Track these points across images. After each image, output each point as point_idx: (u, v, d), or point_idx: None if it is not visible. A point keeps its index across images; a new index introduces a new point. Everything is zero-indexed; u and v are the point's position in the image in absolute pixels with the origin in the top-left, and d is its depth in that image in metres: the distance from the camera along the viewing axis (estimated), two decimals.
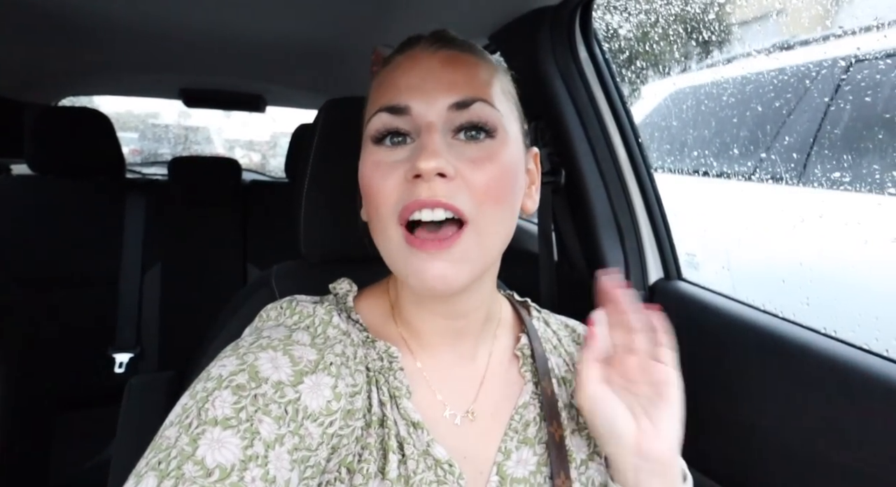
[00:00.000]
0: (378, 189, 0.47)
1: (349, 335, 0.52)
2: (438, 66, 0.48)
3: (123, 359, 1.73)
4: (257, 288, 0.78)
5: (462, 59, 0.49)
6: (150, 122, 6.59)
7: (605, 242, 0.98)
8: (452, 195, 0.45)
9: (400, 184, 0.46)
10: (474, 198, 0.46)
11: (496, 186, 0.46)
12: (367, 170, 0.48)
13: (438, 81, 0.47)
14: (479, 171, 0.46)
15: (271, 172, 2.94)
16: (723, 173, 1.86)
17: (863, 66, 1.42)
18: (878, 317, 0.69)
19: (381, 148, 0.48)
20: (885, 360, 0.63)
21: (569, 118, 1.00)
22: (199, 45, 1.59)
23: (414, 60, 0.49)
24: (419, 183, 0.44)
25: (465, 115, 0.47)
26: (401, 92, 0.48)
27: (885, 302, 0.93)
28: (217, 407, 0.43)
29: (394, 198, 0.46)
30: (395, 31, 1.36)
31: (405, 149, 0.47)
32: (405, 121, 0.47)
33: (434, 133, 0.46)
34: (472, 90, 0.47)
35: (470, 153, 0.47)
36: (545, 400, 0.54)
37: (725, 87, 1.99)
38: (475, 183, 0.46)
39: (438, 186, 0.44)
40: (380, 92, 0.50)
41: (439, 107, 0.47)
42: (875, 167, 1.13)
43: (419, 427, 0.49)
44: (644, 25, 1.63)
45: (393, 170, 0.46)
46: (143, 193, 1.84)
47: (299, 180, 0.74)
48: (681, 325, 0.90)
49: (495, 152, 0.47)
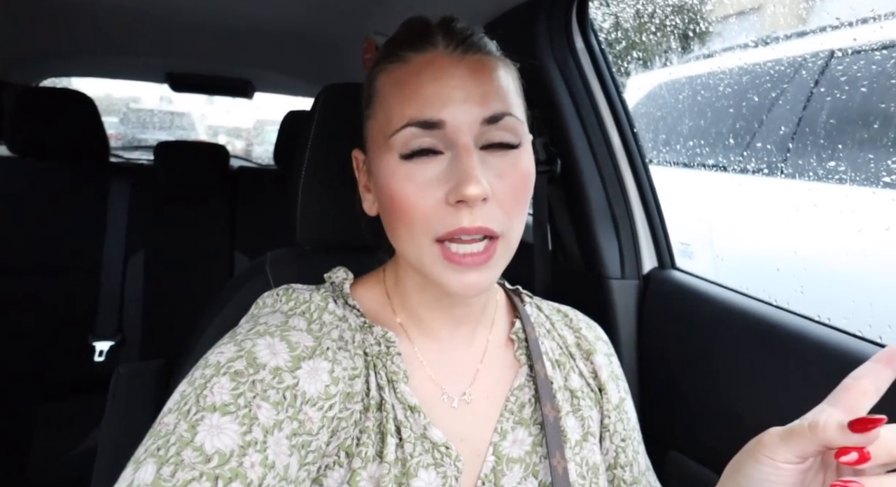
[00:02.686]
0: (412, 206, 0.46)
1: (346, 320, 0.53)
2: (467, 74, 0.47)
3: (104, 348, 1.70)
4: (252, 275, 0.77)
5: (488, 67, 0.49)
6: (131, 107, 6.43)
7: (601, 232, 0.99)
8: (491, 217, 0.46)
9: (438, 205, 0.46)
10: (505, 213, 0.47)
11: (521, 195, 0.48)
12: (396, 183, 0.47)
13: (470, 94, 0.47)
14: (507, 184, 0.47)
15: (256, 159, 2.89)
16: (709, 164, 1.88)
17: (840, 61, 1.44)
18: (872, 304, 0.70)
19: (408, 161, 0.47)
20: (879, 347, 0.64)
21: (565, 108, 1.00)
22: (187, 28, 1.55)
23: (439, 68, 0.47)
24: (462, 208, 0.45)
25: (496, 130, 0.47)
26: (430, 104, 0.46)
27: (879, 289, 0.95)
28: (215, 394, 0.43)
29: (431, 218, 0.46)
30: (390, 19, 1.34)
31: (436, 162, 0.47)
32: (437, 136, 0.46)
33: (472, 154, 0.46)
34: (501, 104, 0.48)
35: (497, 164, 0.47)
36: (539, 382, 0.55)
37: (708, 81, 2.01)
38: (504, 197, 0.47)
39: (479, 211, 0.45)
40: (402, 99, 0.48)
41: (472, 120, 0.46)
42: (865, 157, 1.15)
43: (416, 410, 0.49)
44: (623, 20, 1.63)
45: (427, 189, 0.46)
46: (127, 178, 1.80)
47: (296, 167, 0.73)
48: (675, 314, 0.92)
49: (518, 160, 0.49)
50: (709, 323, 0.84)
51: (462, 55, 0.48)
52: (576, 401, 0.57)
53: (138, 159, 2.30)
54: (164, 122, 6.32)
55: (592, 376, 0.60)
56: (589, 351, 0.61)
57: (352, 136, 0.72)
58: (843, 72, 1.41)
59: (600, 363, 0.61)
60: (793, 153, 1.52)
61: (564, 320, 0.64)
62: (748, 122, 1.72)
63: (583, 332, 0.63)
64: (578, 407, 0.57)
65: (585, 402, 0.58)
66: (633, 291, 0.98)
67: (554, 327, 0.62)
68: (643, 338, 0.96)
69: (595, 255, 0.99)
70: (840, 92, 1.41)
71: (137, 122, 6.19)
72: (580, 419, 0.57)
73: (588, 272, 1.02)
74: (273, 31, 1.56)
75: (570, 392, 0.58)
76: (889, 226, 0.86)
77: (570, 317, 0.64)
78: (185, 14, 1.44)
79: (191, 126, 6.61)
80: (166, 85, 2.16)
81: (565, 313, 0.65)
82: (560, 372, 0.58)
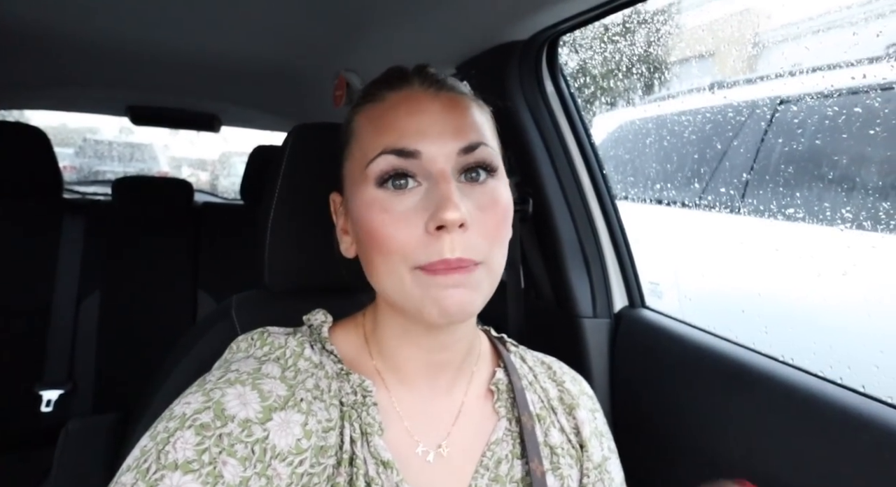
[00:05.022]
0: (389, 237, 0.46)
1: (323, 367, 0.51)
2: (441, 109, 0.49)
3: (52, 397, 1.58)
4: (216, 320, 0.73)
5: (462, 104, 0.50)
6: (88, 138, 6.24)
7: (572, 271, 1.00)
8: (471, 246, 0.45)
9: (418, 234, 0.45)
10: (486, 241, 0.46)
11: (502, 227, 0.48)
12: (372, 214, 0.47)
13: (445, 127, 0.48)
14: (488, 216, 0.47)
15: (222, 193, 2.83)
16: (667, 201, 1.95)
17: (789, 106, 1.54)
18: (832, 347, 0.72)
19: (384, 191, 0.47)
20: (839, 387, 0.66)
21: (536, 149, 1.01)
22: (150, 61, 1.52)
23: (415, 102, 0.49)
24: (442, 236, 0.44)
25: (472, 158, 0.48)
26: (407, 135, 0.47)
27: (837, 332, 0.99)
28: (178, 450, 0.41)
29: (411, 247, 0.45)
30: (360, 58, 1.37)
31: (412, 194, 0.47)
32: (413, 165, 0.47)
33: (450, 181, 0.46)
34: (475, 135, 0.49)
35: (477, 197, 0.47)
36: (526, 435, 0.53)
37: (670, 121, 2.11)
38: (486, 228, 0.47)
39: (458, 239, 0.45)
40: (378, 131, 0.49)
41: (448, 152, 0.47)
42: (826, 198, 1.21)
43: (389, 466, 0.47)
44: (590, 64, 1.72)
45: (405, 219, 0.46)
46: (81, 215, 1.73)
47: (264, 208, 0.71)
48: (646, 353, 0.93)
49: (497, 192, 0.49)
50: (679, 362, 0.85)
51: (437, 92, 0.50)
52: (555, 458, 0.55)
53: (94, 194, 2.21)
54: (123, 154, 6.14)
55: (574, 432, 0.58)
56: (572, 406, 0.59)
57: (323, 178, 0.71)
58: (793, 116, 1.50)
59: (583, 418, 0.58)
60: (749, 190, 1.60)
61: (548, 372, 0.62)
62: (708, 162, 1.80)
63: (566, 386, 0.61)
64: (558, 465, 0.55)
65: (565, 460, 0.56)
66: (605, 330, 0.98)
67: (536, 379, 0.60)
68: (615, 377, 0.96)
69: (567, 294, 1.00)
70: (789, 136, 1.50)
71: (95, 154, 5.99)
72: (559, 477, 0.55)
73: (560, 311, 1.02)
74: (242, 66, 1.55)
75: (550, 448, 0.55)
76: (846, 271, 0.90)
77: (553, 370, 0.62)
78: (149, 48, 1.42)
79: (152, 158, 6.44)
80: (127, 118, 2.11)
81: (549, 365, 0.63)
82: (540, 426, 0.56)
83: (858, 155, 1.15)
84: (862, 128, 1.06)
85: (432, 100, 0.49)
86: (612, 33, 1.64)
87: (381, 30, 1.15)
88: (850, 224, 1.04)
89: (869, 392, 0.63)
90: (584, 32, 1.58)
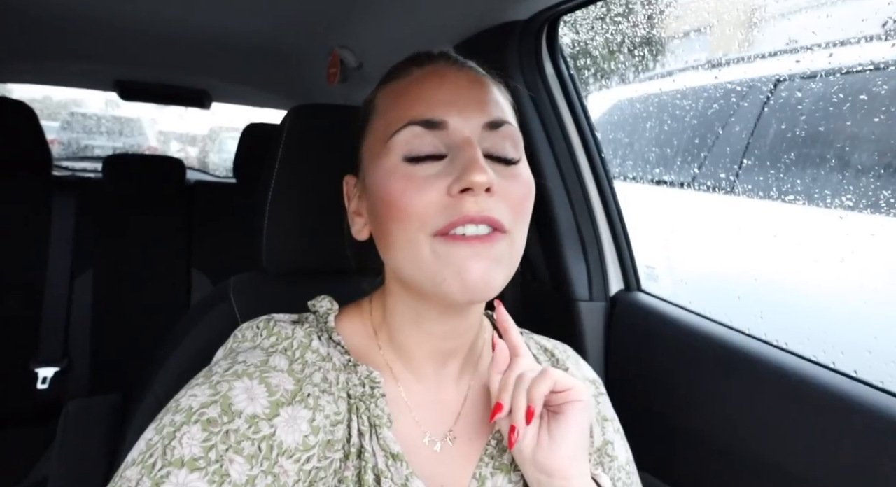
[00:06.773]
0: (411, 203, 0.45)
1: (330, 358, 0.50)
2: (469, 83, 0.49)
3: (47, 374, 1.58)
4: (214, 302, 0.73)
5: (486, 82, 0.51)
6: (75, 112, 6.09)
7: (569, 254, 1.00)
8: (496, 209, 0.45)
9: (440, 199, 0.45)
10: (512, 212, 0.46)
11: (526, 201, 0.48)
12: (392, 182, 0.46)
13: (471, 99, 0.48)
14: (513, 188, 0.47)
15: (213, 170, 2.79)
16: (664, 181, 1.94)
17: (785, 86, 1.52)
18: (826, 332, 0.73)
19: (406, 162, 0.46)
20: (831, 371, 0.68)
21: (534, 131, 1.00)
22: (138, 35, 1.48)
23: (441, 76, 0.49)
24: (466, 198, 0.44)
25: (496, 137, 0.48)
26: (434, 106, 0.47)
27: (831, 317, 1.00)
28: (184, 446, 0.40)
29: (431, 212, 0.45)
30: (355, 35, 1.33)
31: (436, 164, 0.46)
32: (439, 136, 0.47)
33: (476, 147, 0.45)
34: (500, 112, 0.49)
35: (501, 171, 0.47)
36: None
37: (665, 100, 2.08)
38: (512, 197, 0.47)
39: (484, 201, 0.44)
40: (404, 104, 0.48)
41: (474, 124, 0.47)
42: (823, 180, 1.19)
43: (399, 459, 0.47)
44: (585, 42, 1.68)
45: (427, 184, 0.45)
46: (72, 192, 1.70)
47: (262, 190, 0.70)
48: (641, 336, 0.94)
49: (521, 171, 0.49)
50: (674, 346, 0.86)
51: (462, 67, 0.51)
52: None
53: (84, 171, 2.18)
54: (112, 129, 6.00)
55: None
56: None
57: (322, 160, 0.70)
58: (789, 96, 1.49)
59: None
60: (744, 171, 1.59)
61: (551, 360, 0.62)
62: (702, 140, 1.78)
63: (570, 372, 0.61)
64: None
65: None
66: (601, 313, 0.99)
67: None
68: (610, 359, 0.98)
69: (563, 277, 1.00)
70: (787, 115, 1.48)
71: (82, 129, 5.85)
72: None
73: (556, 293, 1.02)
74: (233, 41, 1.51)
75: None
76: (843, 258, 0.91)
77: (556, 357, 0.63)
78: (138, 22, 1.38)
79: (140, 132, 6.31)
80: (115, 93, 2.06)
81: (552, 351, 0.63)
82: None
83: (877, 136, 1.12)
84: None
85: (458, 73, 0.50)
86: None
87: (376, 5, 1.12)
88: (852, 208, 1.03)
89: (861, 376, 0.65)
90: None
